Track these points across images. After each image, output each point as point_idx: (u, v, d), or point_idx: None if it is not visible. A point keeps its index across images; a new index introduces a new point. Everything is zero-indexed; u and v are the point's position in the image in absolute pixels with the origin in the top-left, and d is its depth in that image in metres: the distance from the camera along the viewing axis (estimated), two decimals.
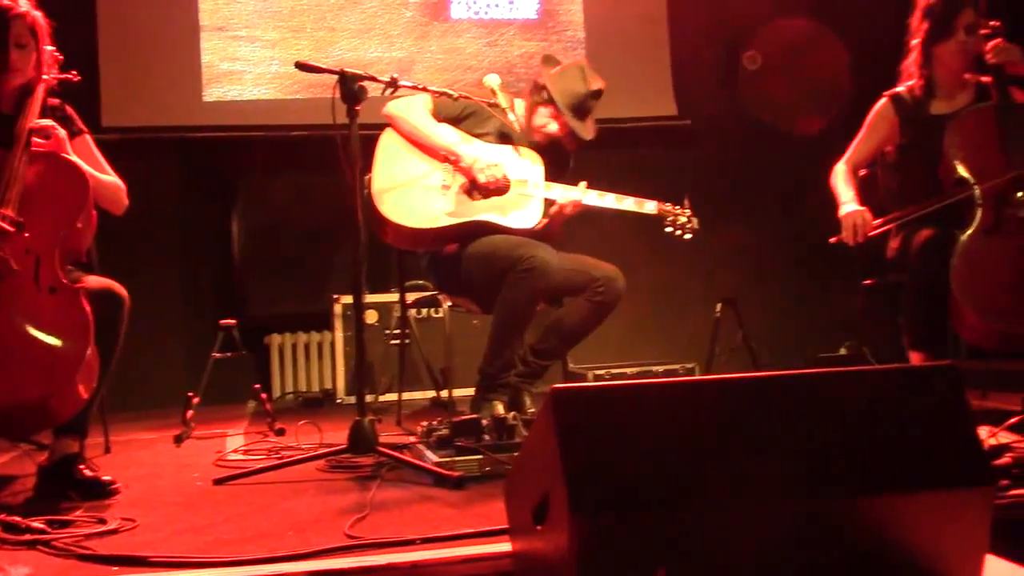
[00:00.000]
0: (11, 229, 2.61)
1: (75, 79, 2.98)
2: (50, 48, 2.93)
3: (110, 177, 3.03)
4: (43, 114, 2.84)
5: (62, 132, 2.79)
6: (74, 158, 2.81)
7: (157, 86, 5.35)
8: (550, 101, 3.63)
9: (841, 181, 3.57)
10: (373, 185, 3.49)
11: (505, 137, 3.67)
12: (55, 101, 2.95)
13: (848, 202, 3.48)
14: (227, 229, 5.60)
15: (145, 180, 3.75)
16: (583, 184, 3.62)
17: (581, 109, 3.63)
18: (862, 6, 5.92)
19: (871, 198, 3.63)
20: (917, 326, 3.30)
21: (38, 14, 2.88)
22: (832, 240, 3.49)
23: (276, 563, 1.94)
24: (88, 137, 3.05)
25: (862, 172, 3.70)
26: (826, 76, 5.90)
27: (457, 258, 3.56)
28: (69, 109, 3.03)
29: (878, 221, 3.38)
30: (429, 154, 3.57)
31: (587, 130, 3.65)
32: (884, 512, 1.65)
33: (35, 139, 2.74)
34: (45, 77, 2.89)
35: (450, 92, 3.37)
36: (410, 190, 3.51)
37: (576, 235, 3.89)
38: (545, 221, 3.65)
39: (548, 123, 3.66)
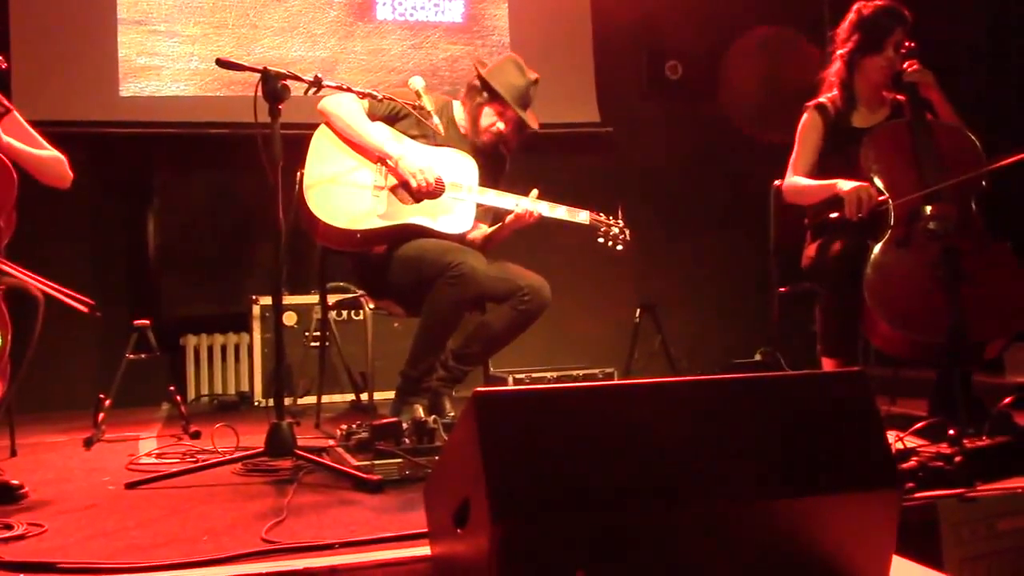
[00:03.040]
0: None
1: (2, 66, 2.88)
2: None
3: (49, 152, 2.94)
4: None
5: None
6: (3, 138, 2.71)
7: (72, 79, 5.22)
8: (494, 99, 3.64)
9: (807, 181, 3.55)
10: (304, 182, 3.45)
11: (427, 140, 3.66)
12: None
13: (845, 181, 3.37)
14: (143, 227, 5.48)
15: None
16: (535, 193, 3.63)
17: (524, 100, 3.66)
18: (783, 19, 6.08)
19: (790, 207, 3.71)
20: (830, 334, 3.39)
21: None
22: (833, 216, 3.40)
23: (191, 568, 1.91)
24: (16, 114, 2.95)
25: (779, 182, 3.76)
26: (749, 86, 6.02)
27: (386, 260, 3.54)
28: None
29: (884, 196, 3.31)
30: (362, 153, 3.54)
31: (533, 120, 3.69)
32: (794, 514, 1.69)
33: None
34: None
35: (375, 93, 3.35)
36: (341, 189, 3.48)
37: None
38: (495, 227, 3.66)
39: (495, 121, 3.67)
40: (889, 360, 3.88)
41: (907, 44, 3.48)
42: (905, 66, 3.46)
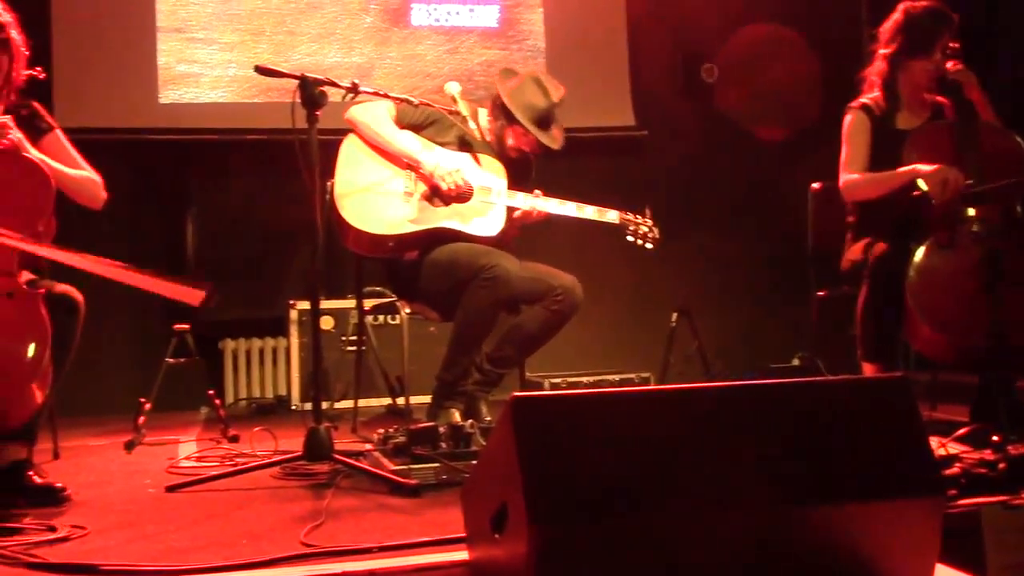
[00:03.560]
0: None
1: (40, 76, 2.92)
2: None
3: (84, 172, 2.97)
4: (6, 112, 2.77)
5: (16, 135, 2.71)
6: (36, 155, 2.74)
7: (112, 87, 5.28)
8: (513, 122, 3.63)
9: (872, 174, 3.45)
10: (335, 190, 3.48)
11: (466, 145, 3.67)
12: (19, 97, 2.88)
13: (923, 165, 3.27)
14: (181, 233, 5.53)
15: None
16: (538, 192, 3.63)
17: (545, 121, 3.63)
18: (820, 19, 6.03)
19: (828, 209, 3.67)
20: (871, 338, 3.35)
21: (17, 36, 2.81)
22: (915, 194, 3.27)
23: (230, 571, 1.92)
24: (59, 132, 2.98)
25: (816, 185, 3.73)
26: (785, 88, 5.98)
27: (418, 265, 3.55)
28: (37, 105, 2.95)
29: (970, 182, 3.19)
30: (391, 160, 3.55)
31: (555, 140, 3.65)
32: (837, 521, 1.67)
33: None
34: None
35: (411, 99, 3.36)
36: (372, 196, 3.50)
37: (534, 243, 3.90)
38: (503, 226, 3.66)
39: (518, 143, 3.67)
40: (929, 365, 3.83)
41: (951, 44, 3.43)
42: (948, 66, 3.41)
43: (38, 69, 2.92)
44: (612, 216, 3.71)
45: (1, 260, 2.59)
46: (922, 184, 3.23)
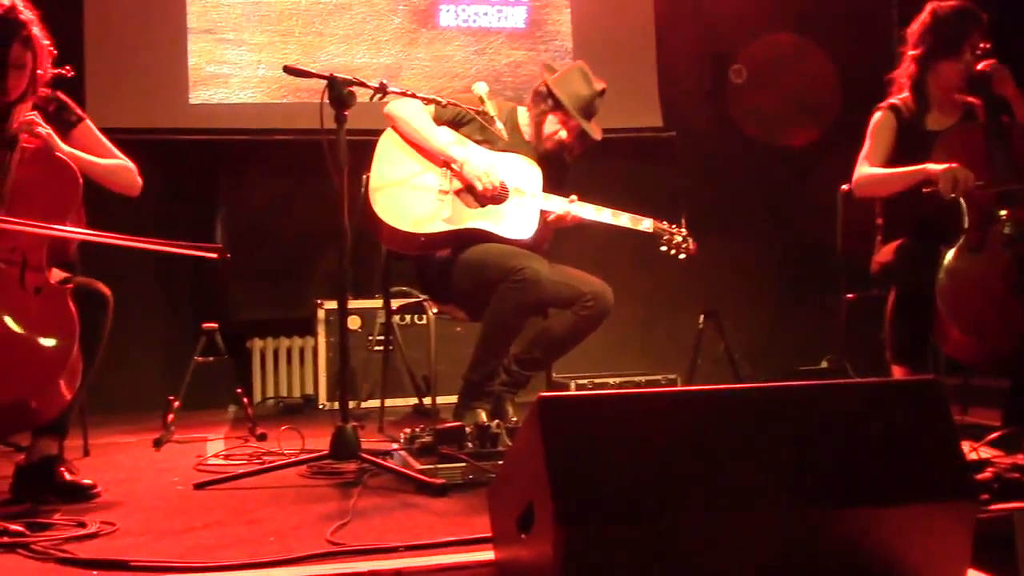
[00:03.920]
0: None
1: (68, 74, 2.95)
2: (46, 43, 2.88)
3: (117, 160, 2.99)
4: (34, 108, 2.79)
5: (45, 130, 2.74)
6: (66, 150, 2.77)
7: (143, 88, 5.33)
8: (558, 107, 3.64)
9: (887, 169, 3.40)
10: (370, 184, 3.48)
11: (490, 146, 3.66)
12: (46, 91, 2.90)
13: (933, 164, 3.26)
14: (211, 232, 5.57)
15: None
16: (574, 197, 3.62)
17: (589, 110, 3.65)
18: (849, 19, 5.99)
19: (857, 211, 3.64)
20: (901, 341, 3.31)
21: (39, 32, 2.83)
22: (926, 191, 3.24)
23: (257, 569, 1.93)
24: (89, 123, 3.01)
25: (846, 187, 3.69)
26: (813, 89, 5.94)
27: (448, 264, 3.55)
28: (63, 96, 2.97)
29: (982, 182, 3.18)
30: (428, 157, 3.56)
31: (595, 131, 3.67)
32: (868, 524, 1.66)
33: (23, 136, 2.70)
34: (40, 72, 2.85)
35: (439, 99, 3.37)
36: (407, 192, 3.50)
37: (563, 244, 3.90)
38: (537, 229, 3.66)
39: (558, 130, 3.67)
40: (960, 368, 3.79)
41: (982, 45, 3.39)
42: (979, 67, 3.37)
43: (67, 67, 2.94)
44: (647, 225, 3.70)
45: (31, 255, 2.62)
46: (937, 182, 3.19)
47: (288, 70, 2.99)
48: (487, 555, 1.94)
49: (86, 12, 5.26)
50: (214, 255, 2.81)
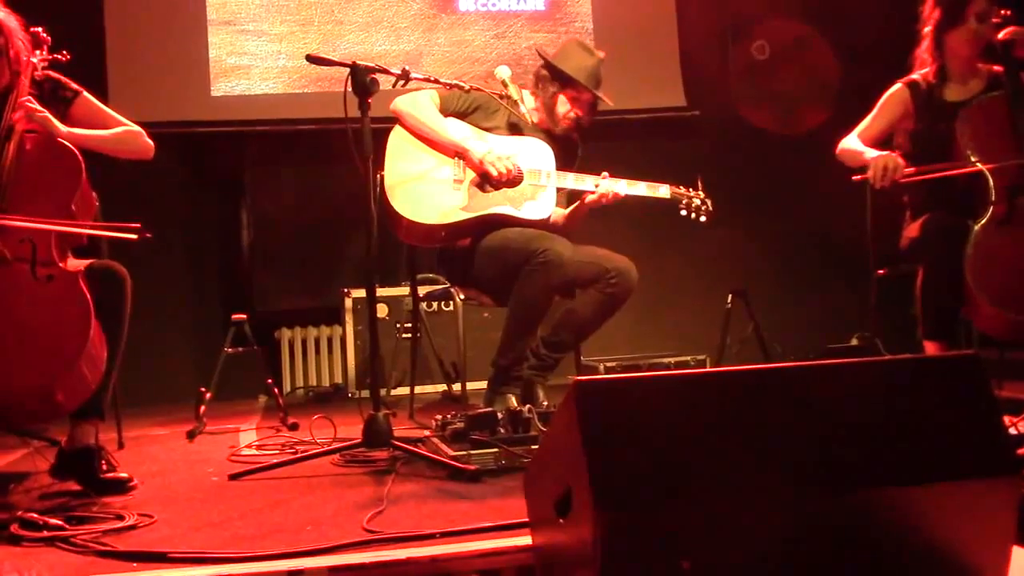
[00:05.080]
0: None
1: (64, 59, 2.95)
2: (35, 31, 2.87)
3: (123, 127, 2.98)
4: (29, 93, 2.78)
5: (42, 113, 2.72)
6: (66, 132, 2.75)
7: (165, 81, 5.35)
8: (568, 84, 3.63)
9: (856, 144, 3.52)
10: (385, 182, 3.49)
11: (516, 129, 3.66)
12: (41, 75, 2.88)
13: (874, 151, 3.41)
14: (236, 224, 5.60)
15: (153, 175, 3.75)
16: (605, 174, 3.60)
17: (597, 78, 3.68)
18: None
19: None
20: (932, 316, 3.29)
21: (4, 14, 2.80)
22: (856, 178, 3.40)
23: (295, 558, 1.93)
24: (86, 95, 2.99)
25: None
26: (830, 66, 5.87)
27: (471, 251, 3.55)
28: (55, 75, 2.94)
29: (911, 170, 3.29)
30: (439, 149, 3.55)
31: (608, 97, 3.69)
32: (910, 503, 1.63)
33: (20, 125, 2.70)
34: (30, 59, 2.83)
35: (462, 84, 3.35)
36: (422, 185, 3.50)
37: (587, 226, 3.87)
38: (570, 209, 3.64)
39: (571, 108, 3.67)
40: (995, 343, 3.75)
41: (1002, 12, 3.36)
42: (1001, 35, 3.34)
43: (63, 52, 2.93)
44: (664, 191, 3.69)
45: (40, 251, 2.63)
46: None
47: (311, 59, 2.99)
48: (524, 540, 1.93)
49: (106, 8, 5.29)
50: (133, 236, 2.76)
